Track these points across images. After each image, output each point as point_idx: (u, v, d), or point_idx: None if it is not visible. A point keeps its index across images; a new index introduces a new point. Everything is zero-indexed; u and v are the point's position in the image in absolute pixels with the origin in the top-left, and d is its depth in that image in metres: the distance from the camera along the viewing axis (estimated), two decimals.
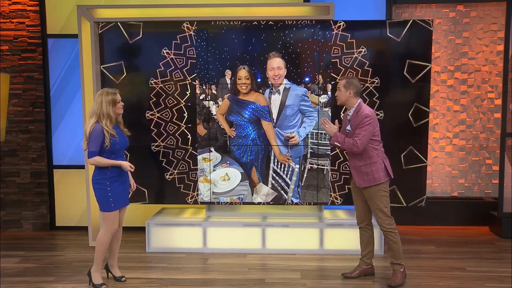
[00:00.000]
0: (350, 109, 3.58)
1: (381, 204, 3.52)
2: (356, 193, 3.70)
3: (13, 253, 4.44)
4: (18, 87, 5.07)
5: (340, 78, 3.69)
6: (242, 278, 3.78)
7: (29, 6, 4.98)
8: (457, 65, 5.22)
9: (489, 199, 5.27)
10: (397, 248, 3.56)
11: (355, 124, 3.49)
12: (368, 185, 3.51)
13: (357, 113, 3.52)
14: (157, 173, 4.45)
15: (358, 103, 3.55)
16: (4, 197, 5.18)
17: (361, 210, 3.71)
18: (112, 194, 3.45)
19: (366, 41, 4.23)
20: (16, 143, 5.13)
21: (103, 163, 3.40)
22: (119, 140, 3.46)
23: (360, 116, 3.47)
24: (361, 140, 3.42)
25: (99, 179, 3.44)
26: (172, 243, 4.44)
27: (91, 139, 3.36)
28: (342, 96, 3.57)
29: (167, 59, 4.32)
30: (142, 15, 4.40)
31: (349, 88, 3.53)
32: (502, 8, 5.09)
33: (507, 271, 3.91)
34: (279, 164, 4.41)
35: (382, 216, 3.53)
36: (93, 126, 3.37)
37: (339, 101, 3.62)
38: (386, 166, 3.53)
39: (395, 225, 3.57)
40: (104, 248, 3.52)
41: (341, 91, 3.57)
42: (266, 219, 4.54)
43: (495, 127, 5.23)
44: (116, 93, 3.45)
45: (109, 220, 3.48)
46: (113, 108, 3.41)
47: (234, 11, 4.38)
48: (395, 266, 3.61)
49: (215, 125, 4.41)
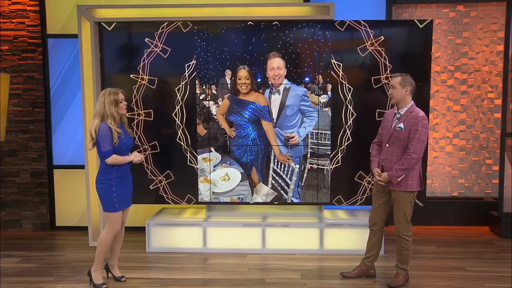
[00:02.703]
0: (402, 108, 3.42)
1: (407, 211, 3.45)
2: (379, 195, 3.60)
3: (13, 253, 4.44)
4: (18, 87, 5.07)
5: (392, 76, 3.48)
6: (242, 278, 3.78)
7: (29, 6, 4.98)
8: (457, 65, 5.22)
9: (489, 199, 5.27)
10: (407, 254, 3.53)
11: (410, 124, 3.34)
12: (399, 189, 3.42)
13: (411, 113, 3.38)
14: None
15: (412, 103, 3.42)
16: (4, 197, 5.18)
17: (377, 213, 3.63)
18: (117, 194, 3.45)
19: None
20: (16, 143, 5.13)
21: (122, 160, 3.41)
22: (125, 139, 3.46)
23: (417, 117, 3.33)
24: (418, 149, 3.30)
25: (104, 179, 3.43)
26: (172, 243, 4.44)
27: (101, 138, 3.33)
28: (398, 94, 3.39)
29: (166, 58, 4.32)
30: (142, 15, 4.40)
31: (406, 85, 3.37)
32: (502, 8, 5.09)
33: (507, 271, 3.91)
34: (279, 164, 4.41)
35: (404, 222, 3.46)
36: (98, 126, 3.34)
37: (394, 100, 3.44)
38: (420, 176, 3.45)
39: (411, 233, 3.52)
40: (105, 248, 3.51)
41: (396, 88, 3.39)
42: (266, 219, 4.54)
43: (495, 127, 5.23)
44: (118, 92, 3.42)
45: (112, 220, 3.48)
46: (116, 108, 3.39)
47: (234, 11, 4.37)
48: (400, 270, 3.59)
49: (215, 125, 4.41)
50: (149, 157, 4.42)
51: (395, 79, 3.42)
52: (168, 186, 4.45)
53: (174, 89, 4.34)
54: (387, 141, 3.48)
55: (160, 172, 4.43)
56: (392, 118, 3.50)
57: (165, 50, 4.30)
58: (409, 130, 3.36)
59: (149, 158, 4.42)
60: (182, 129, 4.38)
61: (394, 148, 3.43)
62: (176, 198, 4.46)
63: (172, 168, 4.43)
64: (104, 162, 3.40)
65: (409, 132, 3.36)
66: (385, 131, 3.54)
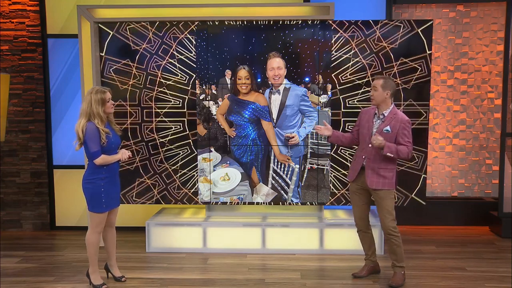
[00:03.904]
0: (384, 110, 3.46)
1: (390, 207, 3.49)
2: (359, 195, 3.64)
3: (13, 253, 4.44)
4: (18, 87, 5.07)
5: (375, 77, 3.52)
6: (242, 278, 3.78)
7: (29, 6, 4.98)
8: (457, 65, 5.22)
9: (489, 199, 5.27)
10: (400, 251, 3.54)
11: (397, 128, 3.41)
12: (383, 188, 3.47)
13: (395, 115, 3.44)
14: None
15: (393, 105, 3.47)
16: (4, 197, 5.18)
17: (361, 213, 3.68)
18: (105, 195, 3.40)
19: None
20: (16, 143, 5.13)
21: (110, 160, 3.36)
22: (113, 138, 3.41)
23: (403, 121, 3.41)
24: (412, 147, 3.43)
25: (92, 179, 3.38)
26: (172, 243, 4.44)
27: (89, 139, 3.28)
28: (379, 96, 3.43)
29: (166, 58, 4.32)
30: (142, 15, 4.40)
31: (387, 88, 3.41)
32: (502, 8, 5.09)
33: (507, 271, 3.91)
34: (279, 164, 4.41)
35: (389, 218, 3.49)
36: (85, 126, 3.28)
37: (375, 102, 3.47)
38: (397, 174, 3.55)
39: (398, 229, 3.55)
40: (94, 248, 3.48)
41: (377, 90, 3.42)
42: (266, 219, 4.53)
43: (495, 127, 5.23)
44: (105, 91, 3.35)
45: (96, 220, 3.43)
46: (103, 107, 3.32)
47: (234, 11, 4.37)
48: (397, 269, 3.60)
49: (215, 125, 4.41)
50: (153, 161, 4.42)
51: (377, 81, 3.45)
52: (168, 186, 4.45)
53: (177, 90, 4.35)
54: (369, 142, 3.48)
55: (160, 172, 4.44)
56: (372, 118, 3.53)
57: (165, 50, 4.30)
58: (395, 133, 3.42)
59: (153, 162, 4.42)
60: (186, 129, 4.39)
61: (377, 149, 3.44)
62: (176, 198, 4.47)
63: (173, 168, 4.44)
64: (92, 162, 3.35)
65: (395, 134, 3.42)
66: (365, 130, 3.55)
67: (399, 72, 4.23)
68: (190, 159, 4.42)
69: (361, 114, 3.67)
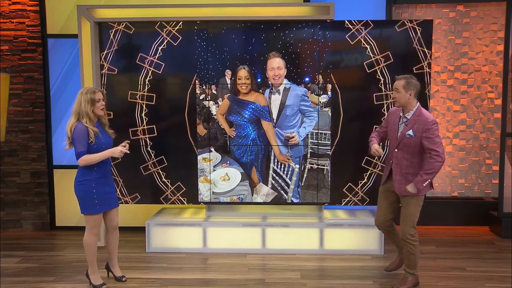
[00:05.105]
0: (408, 112, 3.31)
1: (413, 214, 3.37)
2: (386, 197, 3.54)
3: (13, 253, 4.44)
4: (18, 87, 5.07)
5: (396, 78, 3.34)
6: (242, 278, 3.78)
7: (29, 6, 4.98)
8: (457, 65, 5.22)
9: (489, 199, 5.27)
10: (414, 259, 3.45)
11: (420, 131, 3.23)
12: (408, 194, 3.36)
13: (418, 117, 3.25)
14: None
15: (418, 105, 3.30)
16: (4, 197, 5.18)
17: (384, 213, 3.57)
18: (98, 196, 3.37)
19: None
20: (16, 143, 5.13)
21: (94, 159, 3.28)
22: (103, 138, 3.36)
23: (426, 123, 3.21)
24: (441, 150, 3.17)
25: (83, 181, 3.35)
26: (172, 243, 4.44)
27: (76, 139, 3.25)
28: (402, 98, 3.26)
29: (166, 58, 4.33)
30: (142, 15, 4.40)
31: (410, 89, 3.24)
32: (502, 8, 5.09)
33: (507, 271, 3.91)
34: (279, 164, 4.41)
35: (410, 224, 3.38)
36: (74, 126, 3.26)
37: (398, 104, 3.32)
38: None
39: (417, 237, 3.43)
40: (91, 250, 3.48)
41: (400, 92, 3.26)
42: (266, 219, 4.54)
43: (495, 127, 5.23)
44: (96, 92, 3.31)
45: (92, 222, 3.42)
46: (92, 107, 3.29)
47: (234, 11, 4.37)
48: (407, 274, 3.51)
49: (215, 125, 4.41)
50: (156, 164, 4.43)
51: (399, 82, 3.29)
52: (168, 186, 4.46)
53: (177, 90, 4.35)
54: (396, 146, 3.38)
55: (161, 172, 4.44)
56: (398, 120, 3.39)
57: (165, 50, 4.30)
58: (419, 137, 3.25)
59: (156, 164, 4.43)
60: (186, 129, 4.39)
61: (404, 154, 3.34)
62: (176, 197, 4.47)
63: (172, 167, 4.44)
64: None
65: (419, 138, 3.25)
66: (391, 134, 3.44)
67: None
68: (190, 159, 4.42)
69: (389, 115, 3.53)
